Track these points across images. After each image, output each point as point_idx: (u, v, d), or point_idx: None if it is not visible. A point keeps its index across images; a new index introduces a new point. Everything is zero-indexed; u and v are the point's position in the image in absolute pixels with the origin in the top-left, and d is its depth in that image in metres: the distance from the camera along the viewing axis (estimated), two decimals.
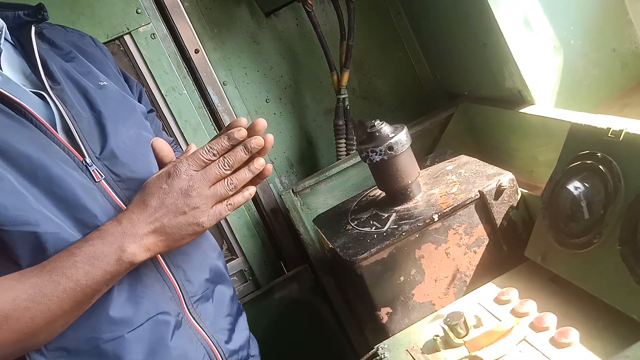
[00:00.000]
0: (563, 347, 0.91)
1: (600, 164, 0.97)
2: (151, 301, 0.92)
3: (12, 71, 0.93)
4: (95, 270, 0.81)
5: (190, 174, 0.87)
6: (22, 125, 0.87)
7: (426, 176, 1.36)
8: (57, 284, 0.80)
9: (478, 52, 1.47)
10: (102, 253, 0.82)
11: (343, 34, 1.68)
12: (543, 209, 1.09)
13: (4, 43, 0.94)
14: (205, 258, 1.05)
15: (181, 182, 0.86)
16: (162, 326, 0.93)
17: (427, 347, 1.06)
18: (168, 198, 0.86)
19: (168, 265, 0.96)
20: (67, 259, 0.81)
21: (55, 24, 1.10)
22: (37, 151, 0.86)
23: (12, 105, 0.87)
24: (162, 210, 0.85)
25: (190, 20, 1.68)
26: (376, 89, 1.88)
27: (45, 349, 0.85)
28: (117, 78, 1.13)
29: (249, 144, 0.90)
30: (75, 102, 0.95)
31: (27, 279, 0.80)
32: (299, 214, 1.62)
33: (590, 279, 0.96)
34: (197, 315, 0.99)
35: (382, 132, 1.23)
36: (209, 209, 0.88)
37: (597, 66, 1.37)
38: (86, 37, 1.14)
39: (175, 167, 0.87)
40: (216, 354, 0.99)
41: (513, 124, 1.45)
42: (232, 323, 1.07)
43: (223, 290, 1.07)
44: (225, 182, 0.89)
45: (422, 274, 1.19)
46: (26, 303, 0.78)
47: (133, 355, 0.89)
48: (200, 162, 0.88)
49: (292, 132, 1.84)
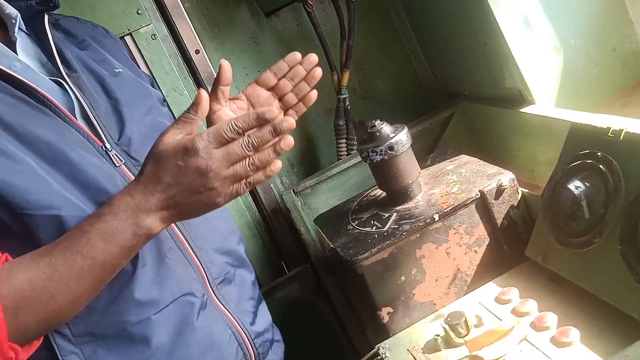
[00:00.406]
0: (564, 346, 0.91)
1: (601, 164, 0.97)
2: (176, 282, 0.92)
3: (28, 59, 0.94)
4: (111, 247, 0.78)
5: (210, 152, 0.78)
6: (41, 113, 0.88)
7: (427, 176, 1.36)
8: (73, 262, 0.77)
9: (478, 52, 1.47)
10: (117, 229, 0.78)
11: (343, 34, 1.68)
12: (543, 209, 1.09)
13: (19, 32, 0.95)
14: (226, 241, 1.05)
15: (199, 161, 0.77)
16: (187, 307, 0.93)
17: (428, 346, 1.06)
18: (183, 177, 0.78)
19: (191, 247, 0.97)
20: (81, 236, 0.78)
21: (68, 15, 1.12)
22: (57, 137, 0.87)
23: (30, 92, 0.88)
24: (176, 189, 0.79)
25: (191, 20, 1.68)
26: (376, 88, 1.88)
27: (72, 335, 0.86)
28: (132, 66, 1.14)
29: (279, 126, 0.80)
30: (92, 90, 0.96)
31: (42, 259, 0.78)
32: (300, 213, 1.62)
33: (590, 278, 0.96)
34: (222, 297, 0.99)
35: (382, 132, 1.23)
36: (226, 189, 0.80)
37: (597, 65, 1.37)
38: (99, 27, 1.16)
39: (194, 144, 0.78)
40: (242, 334, 1.00)
41: (513, 124, 1.45)
42: (255, 307, 1.08)
43: (244, 275, 1.07)
44: (246, 162, 0.80)
45: (422, 274, 1.19)
46: (43, 282, 0.76)
47: (160, 337, 0.90)
48: (222, 139, 0.78)
49: (292, 132, 1.80)
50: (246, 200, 1.79)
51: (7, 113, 0.85)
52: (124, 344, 0.88)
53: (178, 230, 0.96)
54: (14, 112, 0.85)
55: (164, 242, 0.94)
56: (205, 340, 0.95)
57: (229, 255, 1.05)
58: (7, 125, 0.84)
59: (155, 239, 0.90)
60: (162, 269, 0.92)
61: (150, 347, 0.89)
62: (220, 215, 1.07)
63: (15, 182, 0.80)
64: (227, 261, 1.04)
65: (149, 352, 0.90)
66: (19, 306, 0.75)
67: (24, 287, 0.76)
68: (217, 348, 0.96)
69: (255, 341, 1.03)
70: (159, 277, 0.91)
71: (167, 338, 0.91)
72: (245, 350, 1.01)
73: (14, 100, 0.87)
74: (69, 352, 0.85)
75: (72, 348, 0.86)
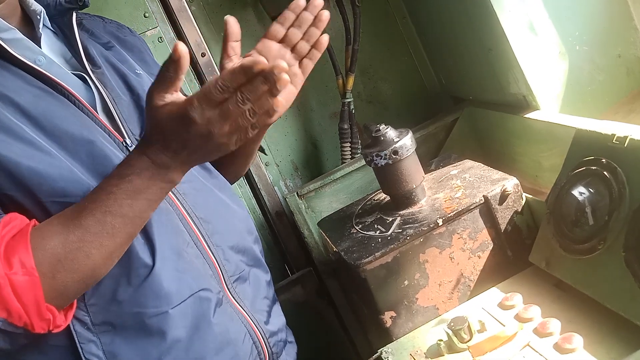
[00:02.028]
0: (567, 352, 0.91)
1: (605, 170, 0.97)
2: (193, 277, 0.93)
3: (53, 55, 0.96)
4: (139, 203, 0.80)
5: (207, 118, 0.75)
6: (64, 106, 0.90)
7: (431, 180, 1.36)
8: (104, 222, 0.78)
9: (483, 57, 1.47)
10: (143, 186, 0.79)
11: (349, 38, 1.69)
12: (547, 215, 1.09)
13: (44, 29, 0.96)
14: (242, 240, 1.06)
15: (199, 129, 0.75)
16: (204, 302, 0.94)
17: (431, 351, 1.06)
18: (190, 143, 0.78)
19: (207, 244, 0.98)
20: (107, 197, 0.79)
21: (93, 15, 1.13)
22: (81, 130, 0.88)
23: (54, 86, 0.89)
24: (187, 150, 0.79)
25: (197, 24, 1.69)
26: (381, 93, 1.88)
27: (92, 324, 0.87)
28: (157, 65, 1.14)
29: (270, 75, 0.73)
30: (115, 86, 0.98)
31: (71, 222, 0.79)
32: (304, 217, 1.63)
33: (594, 285, 0.96)
34: (237, 295, 1.00)
35: (387, 136, 1.24)
36: (232, 140, 0.78)
37: (602, 72, 1.37)
38: (124, 27, 1.18)
39: (188, 114, 0.75)
40: (257, 333, 1.01)
41: (518, 129, 1.45)
42: (269, 306, 1.08)
43: (258, 275, 1.08)
44: (246, 114, 0.75)
45: (426, 278, 1.19)
46: (77, 244, 0.78)
47: (177, 331, 0.91)
48: (214, 101, 0.75)
49: (297, 135, 1.85)
50: (250, 203, 1.80)
51: (34, 105, 0.87)
52: (142, 336, 0.89)
53: (195, 227, 0.97)
54: (40, 105, 0.87)
55: (181, 236, 0.95)
56: (221, 337, 0.95)
57: (245, 254, 1.05)
58: (34, 117, 0.86)
59: (173, 233, 0.93)
60: (180, 263, 0.93)
61: (166, 341, 0.90)
62: (237, 214, 1.08)
63: (43, 171, 0.82)
64: (242, 260, 1.04)
65: (165, 345, 0.90)
66: (56, 269, 0.77)
67: (58, 251, 0.77)
68: (233, 345, 0.97)
69: (270, 340, 1.03)
70: (177, 271, 0.92)
71: (184, 333, 0.92)
72: (259, 349, 1.01)
73: (41, 92, 0.88)
74: (87, 340, 0.87)
75: (90, 336, 0.87)
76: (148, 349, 0.90)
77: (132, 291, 0.88)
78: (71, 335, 0.86)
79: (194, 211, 0.98)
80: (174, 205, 0.96)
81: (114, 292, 0.87)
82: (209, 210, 1.01)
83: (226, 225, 1.03)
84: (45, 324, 0.78)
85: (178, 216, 0.96)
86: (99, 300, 0.87)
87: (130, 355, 0.89)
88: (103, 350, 0.87)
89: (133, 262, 0.89)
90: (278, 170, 1.84)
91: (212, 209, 1.02)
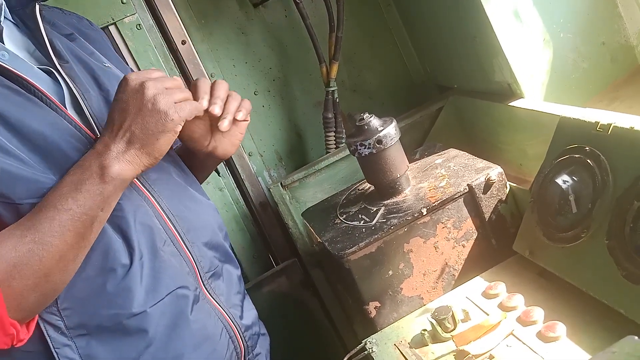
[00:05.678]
0: (550, 341, 0.91)
1: (589, 158, 0.97)
2: (170, 275, 0.93)
3: (16, 49, 0.91)
4: (83, 195, 0.80)
5: (139, 77, 0.85)
6: (32, 103, 0.86)
7: (415, 170, 1.35)
8: (52, 219, 0.78)
9: (468, 45, 1.46)
10: (84, 177, 0.81)
11: (332, 26, 1.66)
12: (531, 203, 1.09)
13: (5, 21, 0.92)
14: (215, 236, 1.05)
15: (132, 83, 0.84)
16: (182, 300, 0.93)
17: (415, 341, 1.06)
18: (129, 107, 0.84)
19: (184, 241, 0.97)
20: (53, 193, 0.80)
21: (52, 6, 1.08)
22: (49, 128, 0.85)
23: (20, 82, 0.86)
24: (128, 121, 0.83)
25: (177, 10, 1.66)
26: (366, 81, 1.86)
27: (66, 327, 0.85)
28: (119, 61, 1.13)
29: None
30: (84, 80, 0.95)
31: (22, 224, 0.79)
32: (288, 207, 1.61)
33: (577, 273, 0.96)
34: (212, 291, 1.00)
35: (370, 125, 1.22)
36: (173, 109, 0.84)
37: (586, 60, 1.37)
38: (83, 19, 1.14)
39: (124, 77, 0.86)
40: (233, 328, 1.01)
41: (502, 118, 1.44)
42: (241, 301, 1.09)
43: (230, 270, 1.08)
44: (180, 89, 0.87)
45: (410, 268, 1.18)
46: (28, 246, 0.77)
47: (155, 330, 0.90)
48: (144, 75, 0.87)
49: (280, 124, 1.83)
50: (234, 194, 1.78)
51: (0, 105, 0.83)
52: (119, 337, 0.88)
53: (171, 225, 0.96)
54: (6, 103, 0.84)
55: (158, 235, 0.93)
56: (199, 333, 0.95)
57: (217, 250, 1.05)
58: (1, 116, 0.82)
59: (150, 232, 0.91)
60: (157, 262, 0.91)
61: (145, 340, 0.89)
62: (208, 211, 1.08)
63: (3, 173, 0.80)
64: (215, 255, 1.04)
65: (144, 344, 0.89)
66: (11, 275, 0.75)
67: (11, 255, 0.76)
68: (211, 341, 0.97)
69: (245, 334, 1.04)
70: (154, 270, 0.91)
71: (162, 331, 0.91)
72: (236, 343, 1.02)
73: (6, 90, 0.85)
74: (62, 344, 0.85)
75: (65, 340, 0.85)
76: (126, 349, 0.88)
77: (109, 292, 0.86)
78: (45, 340, 0.84)
79: (169, 208, 0.96)
80: (150, 203, 0.94)
81: (89, 294, 0.85)
82: (183, 207, 0.99)
83: (200, 222, 1.02)
84: (8, 339, 0.76)
85: (154, 214, 0.94)
86: (73, 304, 0.85)
87: (107, 356, 0.87)
88: (79, 354, 0.86)
89: (109, 263, 0.87)
90: (262, 160, 1.82)
91: (186, 206, 1.01)
